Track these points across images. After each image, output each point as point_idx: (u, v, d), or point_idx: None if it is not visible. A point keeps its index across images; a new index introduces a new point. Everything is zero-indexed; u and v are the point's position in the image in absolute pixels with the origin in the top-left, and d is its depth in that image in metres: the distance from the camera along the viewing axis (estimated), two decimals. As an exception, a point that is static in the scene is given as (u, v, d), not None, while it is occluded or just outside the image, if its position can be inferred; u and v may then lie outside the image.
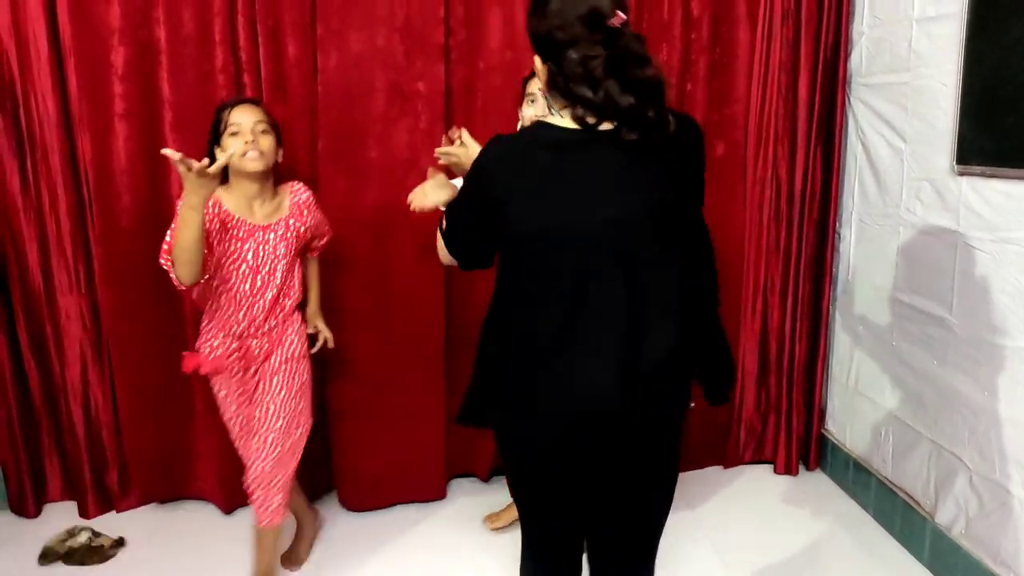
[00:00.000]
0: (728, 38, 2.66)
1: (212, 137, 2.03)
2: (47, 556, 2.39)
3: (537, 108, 2.09)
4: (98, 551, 2.41)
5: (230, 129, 1.99)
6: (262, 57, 2.38)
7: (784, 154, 2.73)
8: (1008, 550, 1.99)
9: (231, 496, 2.62)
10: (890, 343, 2.50)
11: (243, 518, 2.60)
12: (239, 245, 2.00)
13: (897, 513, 2.46)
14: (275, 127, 2.07)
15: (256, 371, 2.11)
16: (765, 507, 2.69)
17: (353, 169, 2.44)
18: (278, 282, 2.05)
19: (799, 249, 2.77)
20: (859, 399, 2.71)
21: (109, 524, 2.58)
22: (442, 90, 2.45)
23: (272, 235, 2.04)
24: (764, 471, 2.94)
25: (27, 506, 2.62)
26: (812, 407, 2.89)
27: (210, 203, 1.89)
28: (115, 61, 2.34)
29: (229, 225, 1.98)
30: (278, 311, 2.08)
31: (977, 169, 2.04)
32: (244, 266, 2.01)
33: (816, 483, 2.86)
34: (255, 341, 2.07)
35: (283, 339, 2.11)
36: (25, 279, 2.49)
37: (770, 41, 2.64)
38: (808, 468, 2.93)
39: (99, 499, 2.65)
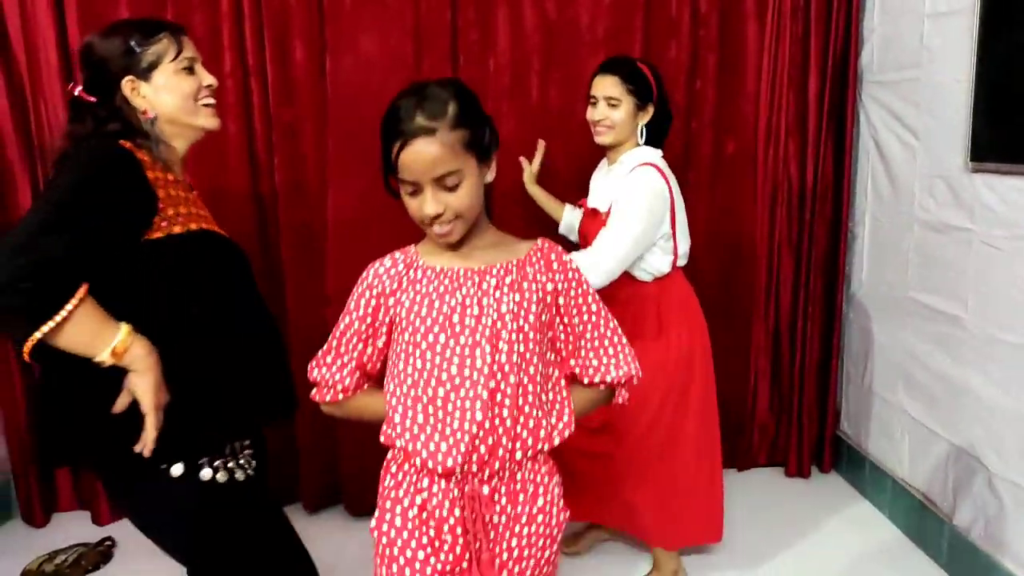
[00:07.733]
0: (737, 35, 2.64)
1: None
2: None
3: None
4: (77, 568, 2.35)
5: None
6: (269, 61, 2.38)
7: (795, 152, 2.71)
8: (1028, 552, 1.97)
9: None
10: (904, 342, 2.47)
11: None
12: None
13: (914, 515, 2.43)
14: None
15: None
16: (779, 510, 2.66)
17: (364, 171, 2.43)
18: None
19: (811, 247, 2.75)
20: (874, 399, 2.68)
21: (120, 531, 2.56)
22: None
23: None
24: (777, 474, 2.91)
25: (35, 515, 2.61)
26: (826, 408, 2.86)
27: None
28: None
29: None
30: None
31: (991, 166, 2.02)
32: None
33: (831, 485, 2.83)
34: None
35: None
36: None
37: (779, 38, 2.62)
38: (822, 470, 2.90)
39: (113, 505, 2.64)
